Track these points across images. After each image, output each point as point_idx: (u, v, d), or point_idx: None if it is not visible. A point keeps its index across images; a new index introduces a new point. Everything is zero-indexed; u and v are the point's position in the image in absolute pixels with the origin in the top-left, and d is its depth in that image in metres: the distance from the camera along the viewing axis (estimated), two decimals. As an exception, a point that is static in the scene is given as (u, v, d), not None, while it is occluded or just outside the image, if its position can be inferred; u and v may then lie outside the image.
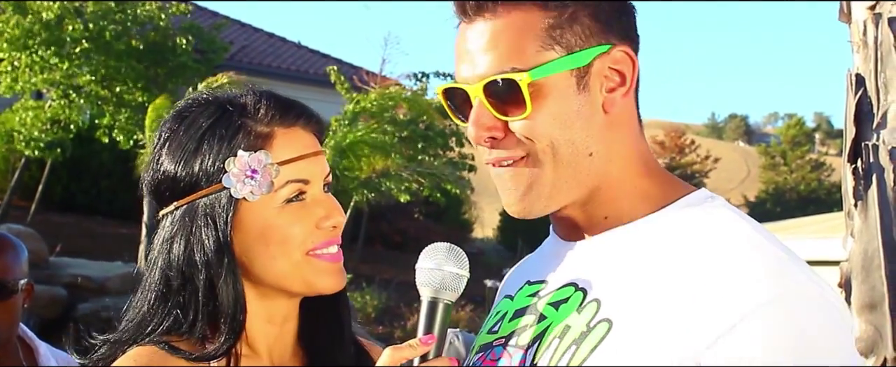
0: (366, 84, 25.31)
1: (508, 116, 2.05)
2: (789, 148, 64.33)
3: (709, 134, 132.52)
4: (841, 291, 4.44)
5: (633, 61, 2.09)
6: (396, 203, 25.86)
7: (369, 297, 23.55)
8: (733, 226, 2.03)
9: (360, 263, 26.67)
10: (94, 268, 19.22)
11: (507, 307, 2.23)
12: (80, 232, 23.69)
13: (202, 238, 2.19)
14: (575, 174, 2.06)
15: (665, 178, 2.16)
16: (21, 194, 25.16)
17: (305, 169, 2.23)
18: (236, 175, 2.17)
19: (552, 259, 2.19)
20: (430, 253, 2.14)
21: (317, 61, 35.34)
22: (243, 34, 35.31)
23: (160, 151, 2.26)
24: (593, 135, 2.06)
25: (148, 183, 2.30)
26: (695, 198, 2.11)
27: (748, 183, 79.40)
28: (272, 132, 2.22)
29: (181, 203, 2.22)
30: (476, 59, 2.07)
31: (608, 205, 2.10)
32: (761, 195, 60.68)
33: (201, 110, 2.26)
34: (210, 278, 2.19)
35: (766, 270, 1.91)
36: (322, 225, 2.24)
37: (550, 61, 2.03)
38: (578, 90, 2.04)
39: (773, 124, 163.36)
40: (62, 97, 22.74)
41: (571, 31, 2.04)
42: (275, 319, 2.30)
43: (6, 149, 25.56)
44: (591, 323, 1.98)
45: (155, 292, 2.23)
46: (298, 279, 2.23)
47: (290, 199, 2.21)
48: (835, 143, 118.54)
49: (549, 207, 2.10)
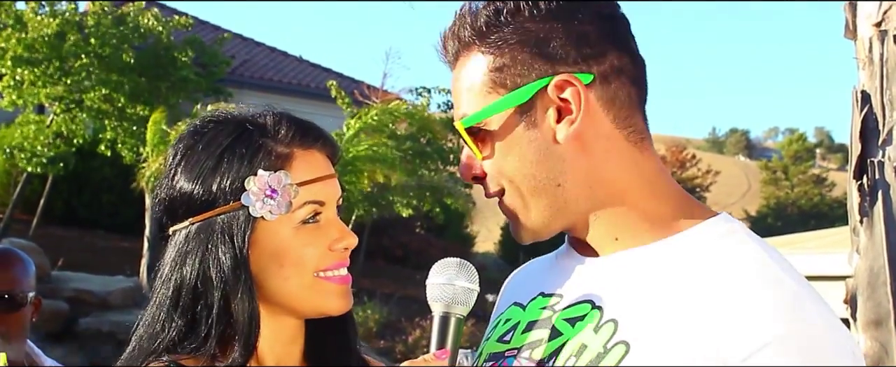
0: (367, 98, 25.33)
1: (481, 156, 2.12)
2: (791, 163, 64.41)
3: (709, 148, 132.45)
4: (846, 307, 4.45)
5: (575, 85, 2.03)
6: (398, 218, 25.90)
7: (371, 311, 23.55)
8: (752, 256, 2.01)
9: (361, 277, 26.66)
10: (96, 282, 19.25)
11: (519, 316, 2.22)
12: (81, 246, 23.71)
13: (219, 255, 2.19)
14: (551, 204, 2.08)
15: (679, 200, 2.14)
16: (23, 208, 25.18)
17: (322, 191, 2.24)
18: (256, 194, 2.18)
19: (568, 273, 2.18)
20: (440, 268, 2.15)
21: (318, 75, 35.37)
22: (245, 48, 35.34)
23: (176, 168, 2.26)
24: (554, 167, 2.06)
25: (162, 200, 2.29)
26: (714, 222, 2.09)
27: (749, 197, 79.35)
28: (292, 153, 2.23)
29: (196, 220, 2.22)
30: (455, 102, 2.15)
31: (613, 226, 2.10)
32: (762, 210, 60.68)
33: (220, 128, 2.26)
34: (226, 295, 2.19)
35: (783, 304, 1.90)
36: (335, 247, 2.24)
37: (491, 104, 2.06)
38: (527, 127, 2.06)
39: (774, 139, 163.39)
40: (65, 111, 22.79)
41: (512, 70, 2.06)
42: (283, 338, 2.30)
43: (8, 163, 25.58)
44: (608, 345, 1.97)
45: (167, 307, 2.23)
46: (308, 301, 2.24)
47: (306, 220, 2.22)
48: (836, 157, 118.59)
49: (542, 233, 2.13)
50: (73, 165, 24.03)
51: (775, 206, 59.94)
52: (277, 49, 37.43)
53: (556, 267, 2.25)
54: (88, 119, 23.19)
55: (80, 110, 22.85)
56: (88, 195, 26.42)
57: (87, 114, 22.94)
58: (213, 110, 2.35)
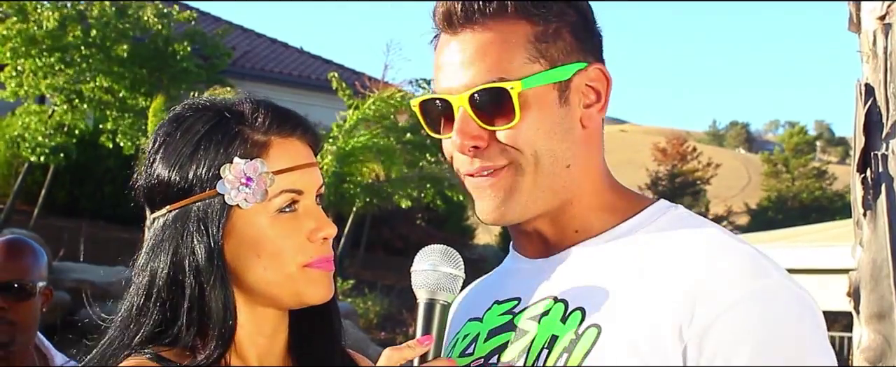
0: (368, 90, 25.33)
1: (495, 126, 2.08)
2: (792, 156, 64.38)
3: (710, 141, 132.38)
4: (849, 300, 4.46)
5: (608, 80, 2.15)
6: (398, 209, 25.88)
7: (371, 303, 23.55)
8: (703, 230, 2.10)
9: (361, 269, 26.67)
10: (97, 273, 19.21)
11: (477, 328, 2.23)
12: (82, 237, 23.70)
13: (193, 244, 2.17)
14: (552, 185, 2.11)
15: (626, 191, 2.23)
16: (24, 199, 25.16)
17: (299, 180, 2.22)
18: (231, 182, 2.16)
19: (521, 277, 2.21)
20: (424, 255, 2.14)
21: (319, 67, 35.36)
22: (246, 40, 35.32)
23: (155, 155, 2.24)
24: (571, 148, 2.11)
25: (141, 186, 2.28)
26: (658, 207, 2.18)
27: (749, 190, 79.36)
28: (269, 141, 2.21)
29: (173, 207, 2.20)
30: (461, 69, 2.10)
31: (578, 219, 2.15)
32: (763, 203, 60.68)
33: (198, 116, 2.24)
34: (200, 284, 2.17)
35: (742, 266, 1.98)
36: (314, 237, 2.21)
37: (536, 73, 2.07)
38: (560, 104, 2.10)
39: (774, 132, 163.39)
40: (66, 102, 22.78)
41: (555, 46, 2.10)
42: (264, 330, 2.27)
43: (9, 153, 25.57)
44: (579, 330, 2.01)
45: (143, 297, 2.21)
46: (289, 291, 2.21)
47: (283, 209, 2.20)
48: (836, 151, 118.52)
49: (523, 215, 2.13)
50: (76, 156, 24.00)
51: (776, 199, 59.93)
52: (278, 40, 37.42)
53: (507, 274, 2.29)
54: (89, 110, 23.17)
55: (80, 101, 22.84)
56: (90, 186, 26.39)
57: (88, 105, 22.93)
58: (194, 98, 2.33)
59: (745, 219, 59.36)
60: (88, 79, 22.67)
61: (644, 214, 2.15)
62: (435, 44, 2.21)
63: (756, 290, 1.94)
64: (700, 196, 59.47)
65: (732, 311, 1.91)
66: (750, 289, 1.94)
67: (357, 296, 23.96)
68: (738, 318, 1.91)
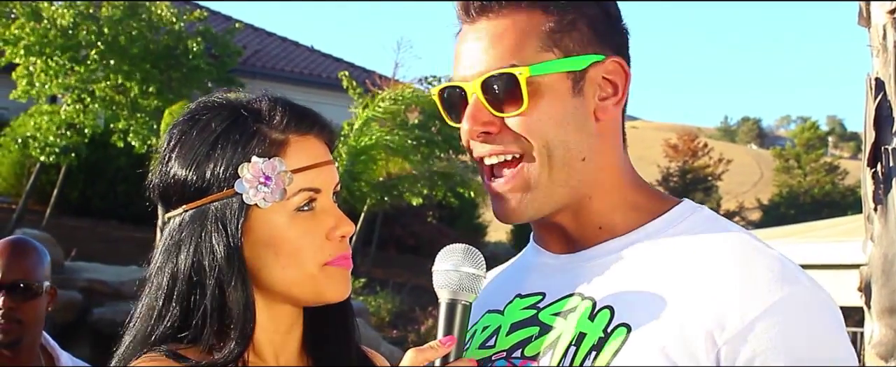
0: (379, 88, 25.32)
1: (504, 113, 2.09)
2: (803, 151, 64.19)
3: (722, 137, 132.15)
4: (860, 295, 4.45)
5: (627, 73, 2.15)
6: (410, 206, 25.89)
7: (383, 300, 23.55)
8: (730, 233, 2.11)
9: (373, 266, 26.67)
10: (110, 272, 19.26)
11: (498, 321, 2.23)
12: (95, 236, 23.76)
13: (212, 243, 2.16)
14: (568, 178, 2.10)
15: (651, 189, 2.23)
16: (36, 199, 25.22)
17: (317, 178, 2.21)
18: (249, 181, 2.15)
19: (545, 271, 2.21)
20: (446, 255, 2.13)
21: (329, 65, 35.41)
22: (256, 38, 35.38)
23: (170, 154, 2.23)
24: (585, 140, 2.11)
25: (156, 186, 2.27)
26: (684, 208, 2.17)
27: (761, 186, 79.21)
28: (287, 140, 2.20)
29: (190, 207, 2.20)
30: (475, 57, 2.12)
31: (601, 215, 2.15)
32: (775, 198, 60.54)
33: (214, 114, 2.23)
34: (220, 283, 2.16)
35: (772, 272, 1.99)
36: (332, 235, 2.20)
37: (549, 61, 2.08)
38: (573, 94, 2.10)
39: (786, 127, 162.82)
40: (77, 102, 22.81)
41: (570, 36, 2.10)
42: (281, 327, 2.27)
43: (21, 153, 25.62)
44: (608, 329, 2.01)
45: (162, 297, 2.20)
46: (308, 289, 2.21)
47: (301, 207, 2.19)
48: (848, 146, 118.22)
49: (541, 211, 2.13)
50: (88, 156, 24.05)
51: (788, 194, 59.78)
52: (289, 39, 37.50)
53: (529, 268, 2.28)
54: (100, 109, 23.20)
55: (92, 101, 22.87)
56: (102, 186, 26.44)
57: (100, 104, 22.96)
58: (208, 96, 2.32)
59: (757, 215, 59.24)
60: (100, 78, 22.70)
61: (671, 214, 2.15)
62: (457, 37, 2.21)
63: (788, 296, 1.95)
64: (712, 192, 59.38)
65: (768, 317, 1.92)
66: (783, 295, 1.95)
67: (369, 294, 23.96)
68: (774, 323, 1.92)
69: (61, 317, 16.83)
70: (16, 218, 23.68)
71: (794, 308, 1.94)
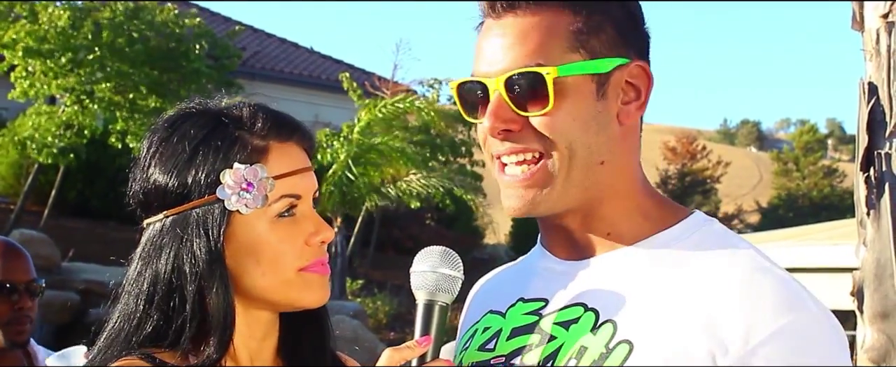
0: (378, 90, 25.31)
1: (528, 112, 2.08)
2: (802, 154, 64.14)
3: (721, 140, 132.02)
4: (853, 299, 4.46)
5: (650, 78, 2.14)
6: (408, 209, 25.88)
7: (381, 303, 23.55)
8: (739, 251, 2.08)
9: (371, 268, 26.67)
10: (107, 273, 19.16)
11: (499, 323, 2.22)
12: (92, 237, 23.73)
13: (194, 249, 2.17)
14: (584, 180, 2.09)
15: (662, 198, 2.22)
16: (34, 199, 25.19)
17: (298, 184, 2.22)
18: (231, 187, 2.16)
19: (549, 277, 2.19)
20: (423, 256, 2.15)
21: (329, 67, 35.42)
22: (256, 40, 35.38)
23: (150, 160, 2.25)
24: (606, 144, 2.10)
25: (136, 192, 2.28)
26: (695, 220, 2.16)
27: (760, 189, 79.15)
28: (268, 146, 2.21)
29: (171, 213, 2.20)
30: (499, 53, 2.10)
31: (610, 221, 2.14)
32: (774, 201, 60.52)
33: (194, 121, 2.24)
34: (201, 289, 2.16)
35: (779, 295, 1.97)
36: (311, 241, 2.21)
37: (575, 62, 2.07)
38: (597, 97, 2.09)
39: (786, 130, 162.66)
40: (76, 103, 22.80)
41: (597, 38, 2.09)
42: (257, 332, 2.27)
43: (20, 154, 25.60)
44: (610, 344, 2.00)
45: (142, 302, 2.21)
46: (286, 295, 2.21)
47: (282, 213, 2.20)
48: (847, 148, 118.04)
49: (553, 209, 2.12)
50: (87, 157, 24.03)
51: (786, 197, 59.77)
52: (288, 40, 37.49)
53: (535, 272, 2.26)
54: (99, 110, 23.20)
55: (91, 102, 22.86)
56: (101, 186, 26.41)
57: (98, 105, 22.95)
58: (187, 102, 2.32)
59: (755, 217, 59.22)
60: (99, 79, 22.69)
61: (680, 226, 2.13)
62: (478, 30, 2.20)
63: (793, 322, 1.93)
64: (710, 195, 59.36)
65: (772, 342, 1.90)
66: (787, 320, 1.92)
67: (366, 296, 23.96)
68: (777, 350, 1.90)
69: (59, 318, 16.82)
70: (14, 218, 23.66)
71: (799, 334, 1.92)
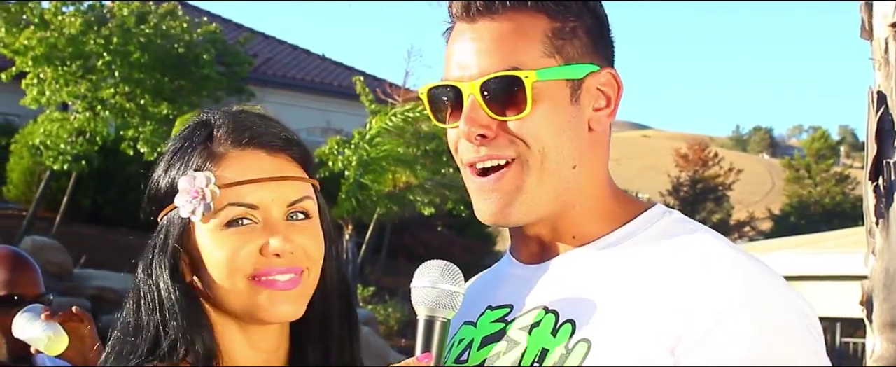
0: (389, 96, 25.33)
1: (505, 116, 2.06)
2: (814, 161, 64.03)
3: (733, 147, 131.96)
4: (862, 309, 4.44)
5: (620, 86, 2.14)
6: (419, 216, 25.88)
7: (392, 310, 23.54)
8: (697, 237, 2.07)
9: (383, 275, 26.65)
10: (118, 280, 19.26)
11: (472, 334, 2.21)
12: (104, 244, 23.75)
13: (163, 258, 2.17)
14: (556, 186, 2.08)
15: (625, 197, 2.21)
16: (46, 206, 25.23)
17: (253, 194, 2.15)
18: (182, 194, 2.15)
19: (514, 282, 2.19)
20: (423, 271, 2.12)
21: (341, 73, 35.46)
22: (268, 47, 35.43)
23: (156, 165, 2.26)
24: (578, 149, 2.09)
25: (146, 194, 2.29)
26: (653, 213, 2.15)
27: (773, 196, 79.04)
28: (225, 154, 2.17)
29: (157, 218, 2.23)
30: (474, 58, 2.08)
31: (577, 225, 2.13)
32: (786, 208, 60.45)
33: (186, 128, 2.25)
34: (170, 297, 2.16)
35: (732, 277, 1.95)
36: (264, 251, 2.14)
37: (551, 67, 2.06)
38: (571, 102, 2.08)
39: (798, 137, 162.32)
40: (87, 109, 22.85)
41: (571, 43, 2.09)
42: (259, 345, 2.23)
43: (32, 161, 25.66)
44: (569, 345, 1.99)
45: (133, 311, 2.22)
46: (239, 305, 2.16)
47: (234, 222, 2.14)
48: (860, 155, 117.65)
49: (527, 217, 2.10)
50: (98, 163, 24.08)
51: (798, 204, 59.69)
52: (300, 47, 37.55)
53: (502, 279, 2.26)
54: (111, 117, 23.25)
55: (102, 108, 22.91)
56: (112, 193, 26.44)
57: (110, 112, 23.00)
58: (205, 110, 2.32)
59: (767, 225, 59.13)
60: (110, 86, 22.74)
61: (637, 221, 2.13)
62: (448, 34, 2.17)
63: (745, 302, 1.90)
64: (722, 201, 59.28)
65: (722, 325, 1.88)
66: (739, 301, 1.90)
67: (378, 303, 23.95)
68: (727, 332, 1.87)
69: (70, 324, 16.84)
70: (26, 225, 23.70)
71: (750, 314, 1.89)
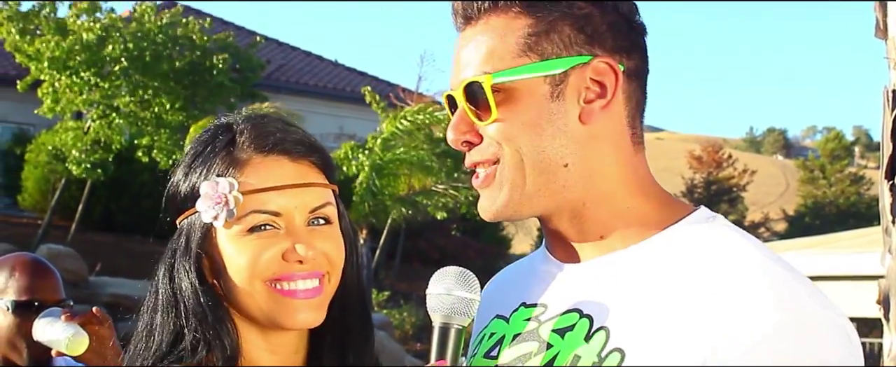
0: (402, 102, 25.35)
1: (481, 121, 2.06)
2: (828, 162, 63.85)
3: (747, 148, 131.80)
4: (879, 307, 4.44)
5: (617, 73, 2.06)
6: (434, 220, 25.88)
7: (407, 314, 23.54)
8: (738, 248, 2.00)
9: (397, 280, 26.66)
10: (134, 287, 19.28)
11: (504, 329, 2.19)
12: (119, 251, 23.83)
13: (184, 262, 2.18)
14: (548, 183, 2.05)
15: (664, 199, 2.14)
16: (61, 214, 25.32)
17: (275, 200, 2.15)
18: (204, 200, 2.15)
19: (549, 281, 2.17)
20: (439, 278, 2.11)
21: (353, 79, 35.51)
22: (281, 53, 35.50)
23: (175, 169, 2.26)
24: (567, 145, 2.05)
25: (165, 197, 2.29)
26: (695, 218, 2.09)
27: (787, 197, 78.89)
28: (248, 159, 2.17)
29: (177, 222, 2.23)
30: (460, 65, 2.10)
31: (600, 224, 2.09)
32: (800, 209, 60.33)
33: (207, 132, 2.25)
34: (196, 298, 2.17)
35: (776, 295, 1.88)
36: (288, 257, 2.14)
37: (520, 66, 2.04)
38: (552, 98, 2.04)
39: (812, 138, 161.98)
40: (102, 117, 22.92)
41: (548, 39, 2.05)
42: (278, 349, 2.23)
43: (47, 169, 25.74)
44: (602, 353, 1.96)
45: (153, 313, 2.23)
46: (260, 312, 2.17)
47: (256, 228, 2.14)
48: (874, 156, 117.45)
49: (520, 212, 2.09)
50: (113, 171, 24.15)
51: (813, 205, 59.54)
52: (313, 53, 37.62)
53: (537, 275, 2.22)
54: (125, 125, 23.32)
55: (117, 116, 22.98)
56: (127, 201, 26.53)
57: (124, 120, 23.07)
58: (225, 114, 2.33)
59: (782, 225, 59.03)
60: (124, 94, 22.81)
61: (678, 226, 2.06)
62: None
63: (787, 322, 1.84)
64: (736, 203, 59.22)
65: (761, 346, 1.82)
66: (781, 321, 1.84)
67: (393, 307, 23.95)
68: (766, 353, 1.82)
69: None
70: (42, 233, 23.79)
71: (791, 335, 1.83)
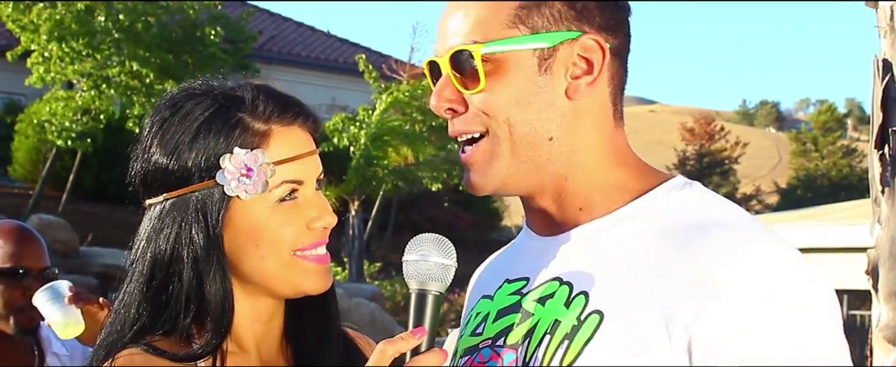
0: (395, 73, 25.32)
1: (468, 90, 2.07)
2: (820, 134, 63.94)
3: (740, 121, 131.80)
4: (868, 278, 4.44)
5: (603, 51, 2.07)
6: (426, 192, 25.90)
7: (399, 285, 23.56)
8: (714, 211, 2.03)
9: (389, 251, 26.70)
10: (125, 257, 19.34)
11: (488, 307, 2.21)
12: (110, 222, 23.79)
13: (192, 234, 2.15)
14: (534, 157, 2.07)
15: (643, 168, 2.16)
16: (52, 185, 25.31)
17: (300, 169, 2.19)
18: (231, 173, 2.13)
19: (530, 255, 2.18)
20: (414, 245, 2.10)
21: (346, 50, 35.45)
22: (273, 23, 35.43)
23: (152, 140, 2.22)
24: (554, 119, 2.06)
25: (137, 172, 2.27)
26: (672, 184, 2.11)
27: (779, 170, 79.03)
28: (270, 130, 2.18)
29: (171, 196, 2.19)
30: (448, 33, 2.10)
31: (580, 197, 2.10)
32: (792, 182, 60.43)
33: (197, 102, 2.20)
34: (198, 274, 2.15)
35: (750, 254, 1.89)
36: (313, 226, 2.19)
37: (507, 38, 2.05)
38: (540, 72, 2.05)
39: (805, 111, 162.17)
40: (93, 88, 22.87)
41: (539, 13, 2.06)
42: (261, 317, 2.26)
43: (37, 139, 25.70)
44: (581, 316, 1.97)
45: (141, 285, 2.20)
46: (284, 280, 2.19)
47: (283, 198, 2.17)
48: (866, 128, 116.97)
49: (506, 185, 2.10)
50: (103, 141, 24.12)
51: (805, 177, 59.65)
52: (305, 24, 37.53)
53: (517, 252, 2.25)
54: (116, 95, 23.28)
55: (108, 86, 22.94)
56: (118, 171, 26.37)
57: (115, 90, 23.04)
58: (190, 82, 2.29)
59: (774, 198, 59.13)
60: (115, 64, 22.77)
61: (654, 192, 2.08)
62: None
63: (763, 281, 1.85)
64: (729, 175, 59.29)
65: (736, 305, 1.83)
66: (757, 280, 1.85)
67: (384, 279, 23.99)
68: (741, 312, 1.83)
69: (77, 302, 16.88)
70: (32, 204, 23.78)
71: (767, 294, 1.85)
